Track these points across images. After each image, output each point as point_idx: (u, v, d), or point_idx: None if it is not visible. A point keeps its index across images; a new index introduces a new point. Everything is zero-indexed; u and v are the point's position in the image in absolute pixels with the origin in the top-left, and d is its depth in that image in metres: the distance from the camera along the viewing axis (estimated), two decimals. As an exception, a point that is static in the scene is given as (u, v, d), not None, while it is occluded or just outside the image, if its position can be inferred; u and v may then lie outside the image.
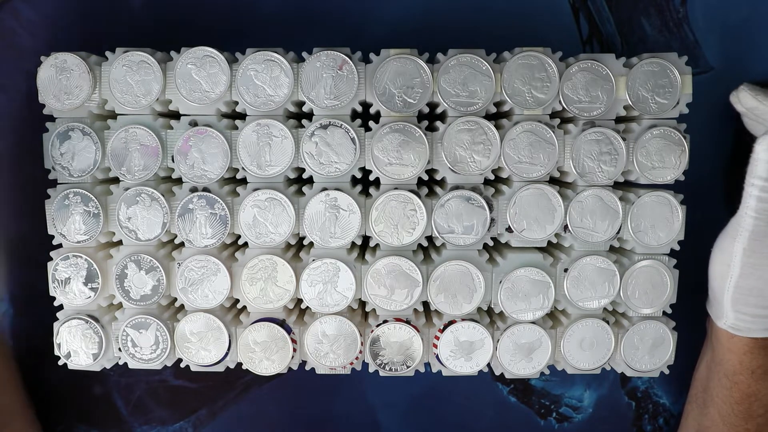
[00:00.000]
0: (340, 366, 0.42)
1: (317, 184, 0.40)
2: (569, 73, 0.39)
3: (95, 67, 0.40)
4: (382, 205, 0.40)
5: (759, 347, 0.40)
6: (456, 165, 0.39)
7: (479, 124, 0.39)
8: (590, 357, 0.42)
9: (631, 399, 0.51)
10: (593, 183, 0.40)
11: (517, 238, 0.40)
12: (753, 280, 0.38)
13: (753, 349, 0.40)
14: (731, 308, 0.40)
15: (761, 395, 0.41)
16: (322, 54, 0.39)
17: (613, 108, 0.40)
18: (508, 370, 0.42)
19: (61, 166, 0.40)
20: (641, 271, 0.41)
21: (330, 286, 0.41)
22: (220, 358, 0.42)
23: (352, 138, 0.39)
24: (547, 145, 0.39)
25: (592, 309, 0.42)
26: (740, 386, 0.41)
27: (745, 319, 0.40)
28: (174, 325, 0.42)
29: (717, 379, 0.42)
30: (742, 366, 0.41)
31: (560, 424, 0.51)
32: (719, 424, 0.43)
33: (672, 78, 0.39)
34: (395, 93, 0.39)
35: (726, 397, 0.42)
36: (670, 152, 0.39)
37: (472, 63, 0.39)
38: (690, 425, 0.45)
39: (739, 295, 0.39)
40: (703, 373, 0.44)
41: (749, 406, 0.41)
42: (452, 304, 0.41)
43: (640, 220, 0.40)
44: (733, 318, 0.40)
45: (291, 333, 0.42)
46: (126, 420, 0.50)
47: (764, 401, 0.41)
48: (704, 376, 0.44)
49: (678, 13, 0.47)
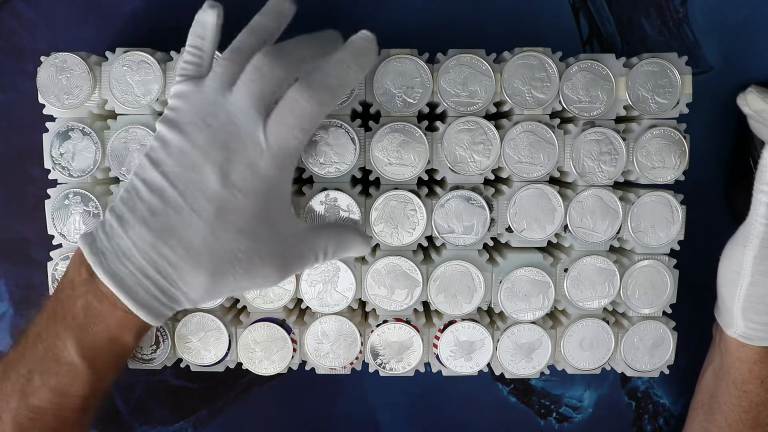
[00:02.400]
0: (340, 366, 0.42)
1: (317, 184, 0.40)
2: (569, 73, 0.39)
3: (95, 67, 0.40)
4: (382, 205, 0.40)
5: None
6: (456, 165, 0.39)
7: (479, 124, 0.39)
8: (590, 357, 0.42)
9: (631, 399, 0.51)
10: (593, 183, 0.40)
11: (517, 238, 0.40)
12: (764, 288, 0.38)
13: (763, 359, 0.40)
14: (741, 317, 0.39)
15: None
16: (322, 54, 0.39)
17: (613, 108, 0.40)
18: (508, 370, 0.42)
19: (61, 166, 0.40)
20: (641, 271, 0.41)
21: (330, 286, 0.41)
22: (220, 358, 0.42)
23: (352, 138, 0.39)
24: (547, 145, 0.39)
25: (592, 309, 0.42)
26: (749, 395, 0.41)
27: (755, 328, 0.39)
28: (174, 325, 0.42)
29: (725, 387, 0.42)
30: (752, 375, 0.40)
31: (560, 424, 0.51)
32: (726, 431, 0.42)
33: (672, 78, 0.39)
34: (395, 93, 0.39)
35: (734, 406, 0.41)
36: (670, 152, 0.39)
37: (472, 63, 0.39)
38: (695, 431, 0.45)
39: (749, 304, 0.39)
40: (709, 379, 0.44)
41: (757, 414, 0.41)
42: (452, 304, 0.41)
43: (640, 220, 0.40)
44: (743, 327, 0.39)
45: (291, 333, 0.42)
46: (126, 420, 0.50)
47: None
48: (711, 383, 0.44)
49: (678, 13, 0.47)
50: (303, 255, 0.36)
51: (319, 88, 0.33)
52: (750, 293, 0.38)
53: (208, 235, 0.33)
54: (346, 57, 0.33)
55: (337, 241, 0.37)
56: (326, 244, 0.36)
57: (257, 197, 0.33)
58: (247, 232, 0.33)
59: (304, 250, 0.36)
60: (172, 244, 0.32)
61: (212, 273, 0.33)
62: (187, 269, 0.33)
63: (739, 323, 0.39)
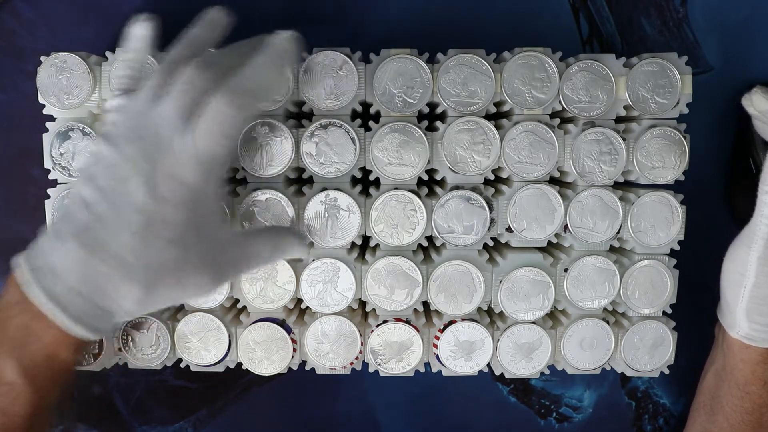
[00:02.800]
0: (340, 366, 0.42)
1: (317, 184, 0.40)
2: (569, 73, 0.39)
3: (95, 67, 0.40)
4: (382, 205, 0.40)
5: None
6: (456, 165, 0.39)
7: (479, 124, 0.39)
8: (590, 357, 0.42)
9: (631, 399, 0.51)
10: (593, 183, 0.40)
11: (517, 238, 0.40)
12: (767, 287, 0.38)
13: (767, 360, 0.40)
14: (745, 318, 0.39)
15: None
16: (322, 54, 0.39)
17: (613, 108, 0.40)
18: (508, 370, 0.42)
19: (61, 166, 0.40)
20: (641, 271, 0.41)
21: (330, 286, 0.41)
22: (220, 358, 0.42)
23: (352, 138, 0.39)
24: (547, 145, 0.39)
25: (592, 309, 0.42)
26: (752, 396, 0.41)
27: (759, 329, 0.39)
28: (174, 325, 0.42)
29: (727, 387, 0.42)
30: (755, 376, 0.40)
31: (560, 424, 0.51)
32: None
33: (672, 78, 0.39)
34: (395, 93, 0.39)
35: (736, 407, 0.41)
36: (670, 152, 0.39)
37: (472, 63, 0.39)
38: None
39: (753, 305, 0.39)
40: (711, 380, 0.44)
41: (760, 416, 0.41)
42: (452, 304, 0.41)
43: (640, 220, 0.40)
44: (747, 328, 0.39)
45: (291, 333, 0.42)
46: (126, 420, 0.50)
47: None
48: (713, 384, 0.44)
49: (678, 13, 0.47)
50: (237, 261, 0.36)
51: (238, 92, 0.33)
52: (754, 294, 0.38)
53: (139, 247, 0.33)
54: (263, 59, 0.34)
55: (273, 244, 0.37)
56: (260, 249, 0.36)
57: (185, 206, 0.33)
58: (177, 242, 0.33)
59: (237, 256, 0.36)
60: (104, 258, 0.33)
61: (145, 285, 0.33)
62: (120, 283, 0.33)
63: (743, 324, 0.39)
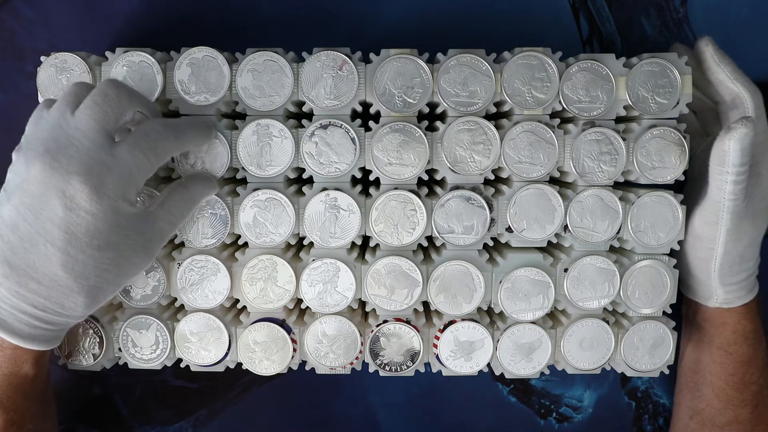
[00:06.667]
0: (340, 366, 0.42)
1: (317, 184, 0.40)
2: (569, 73, 0.39)
3: (95, 67, 0.40)
4: (382, 205, 0.40)
5: (749, 310, 0.42)
6: (456, 165, 0.39)
7: (479, 124, 0.39)
8: (590, 357, 0.42)
9: (631, 399, 0.51)
10: (593, 183, 0.40)
11: (517, 238, 0.40)
12: (735, 252, 0.40)
13: (745, 314, 0.42)
14: (720, 285, 0.41)
15: (756, 360, 0.42)
16: (322, 54, 0.39)
17: (613, 108, 0.40)
18: (508, 370, 0.42)
19: (61, 166, 0.40)
20: (641, 271, 0.41)
21: (330, 286, 0.41)
22: (220, 358, 0.42)
23: (352, 138, 0.39)
24: (547, 145, 0.39)
25: (592, 309, 0.42)
26: (734, 356, 0.42)
27: (733, 290, 0.41)
28: (174, 325, 0.42)
29: (708, 355, 0.43)
30: (737, 335, 0.42)
31: (560, 424, 0.51)
32: (714, 402, 0.43)
33: (672, 78, 0.39)
34: (395, 93, 0.39)
35: (720, 372, 0.43)
36: (670, 152, 0.39)
37: (472, 63, 0.39)
38: (683, 413, 0.46)
39: (725, 270, 0.40)
40: (690, 357, 0.45)
41: (743, 375, 0.42)
42: (452, 304, 0.41)
43: (640, 220, 0.40)
44: (723, 294, 0.41)
45: (291, 333, 0.42)
46: (126, 420, 0.50)
47: (758, 365, 0.42)
48: (692, 360, 0.45)
49: (678, 13, 0.47)
50: (161, 229, 0.37)
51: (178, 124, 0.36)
52: (724, 262, 0.40)
53: (69, 261, 0.33)
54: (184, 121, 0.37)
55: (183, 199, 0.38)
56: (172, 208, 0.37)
57: (105, 213, 0.33)
58: (105, 246, 0.34)
59: (160, 225, 0.36)
60: (38, 278, 0.33)
61: (87, 292, 0.34)
62: (60, 297, 0.34)
63: (719, 292, 0.41)
